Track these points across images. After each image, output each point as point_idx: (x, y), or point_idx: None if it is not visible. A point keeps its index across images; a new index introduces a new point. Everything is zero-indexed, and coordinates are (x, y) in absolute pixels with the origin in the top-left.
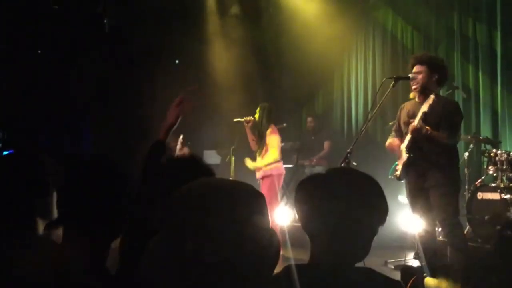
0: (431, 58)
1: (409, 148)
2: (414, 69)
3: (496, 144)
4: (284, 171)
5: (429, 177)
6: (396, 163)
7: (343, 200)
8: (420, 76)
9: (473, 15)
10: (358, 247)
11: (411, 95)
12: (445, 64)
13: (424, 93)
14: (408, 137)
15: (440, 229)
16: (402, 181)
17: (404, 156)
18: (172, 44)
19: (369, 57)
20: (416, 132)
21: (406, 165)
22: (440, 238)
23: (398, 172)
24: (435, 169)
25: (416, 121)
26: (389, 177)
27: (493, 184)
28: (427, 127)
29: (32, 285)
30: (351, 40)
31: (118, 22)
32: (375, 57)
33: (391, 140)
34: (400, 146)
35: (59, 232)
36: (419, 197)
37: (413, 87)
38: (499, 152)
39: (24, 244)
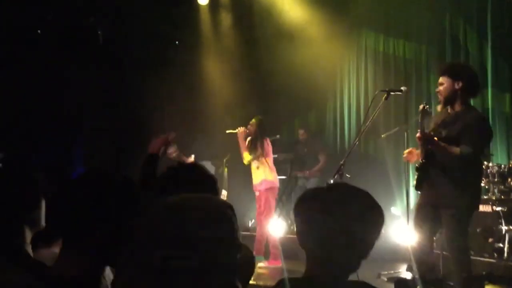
0: (452, 66)
1: (423, 157)
2: (439, 81)
3: (487, 156)
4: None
5: (440, 195)
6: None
7: (338, 215)
8: (442, 88)
9: (464, 29)
10: (352, 261)
11: (438, 108)
12: (471, 70)
13: (452, 104)
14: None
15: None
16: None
17: (418, 164)
18: (166, 57)
19: (362, 70)
20: (421, 140)
21: (420, 176)
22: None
23: (415, 182)
24: (448, 185)
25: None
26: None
27: (485, 197)
28: (435, 138)
29: None
30: (344, 53)
31: (111, 33)
32: (367, 70)
33: (412, 149)
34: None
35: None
36: (424, 208)
37: (439, 100)
38: (490, 164)
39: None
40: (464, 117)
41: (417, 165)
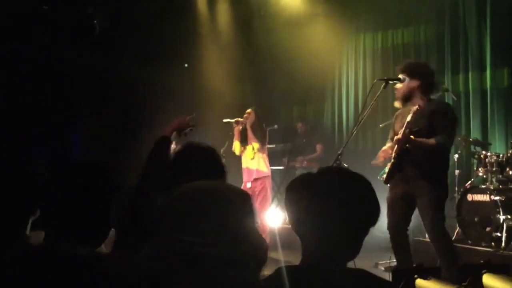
0: (409, 65)
1: (397, 154)
2: None
3: (485, 146)
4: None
5: (416, 186)
6: (387, 166)
7: (332, 201)
8: (399, 85)
9: (464, 20)
10: (349, 248)
11: (395, 104)
12: (428, 69)
13: (410, 102)
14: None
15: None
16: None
17: (392, 160)
18: (164, 46)
19: (360, 60)
20: (400, 143)
21: (392, 170)
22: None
23: (385, 175)
24: (422, 178)
25: (400, 133)
26: (378, 178)
27: (483, 186)
28: (411, 136)
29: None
30: (343, 43)
31: (109, 24)
32: (365, 60)
33: (386, 147)
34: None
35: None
36: (400, 201)
37: (396, 97)
38: (488, 154)
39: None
40: (429, 110)
41: (392, 164)
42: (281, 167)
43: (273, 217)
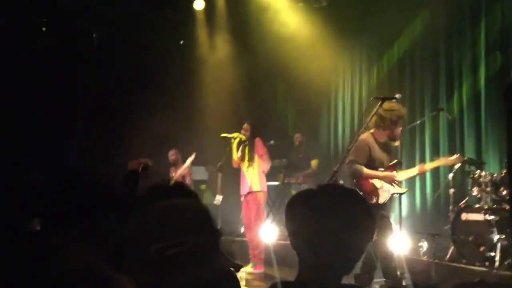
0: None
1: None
2: None
3: (480, 165)
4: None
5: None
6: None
7: (329, 217)
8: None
9: (458, 38)
10: (346, 265)
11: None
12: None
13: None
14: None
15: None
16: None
17: (403, 190)
18: (161, 62)
19: (356, 78)
20: None
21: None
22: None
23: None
24: None
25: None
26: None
27: (477, 205)
28: None
29: None
30: (338, 61)
31: (106, 37)
32: (361, 78)
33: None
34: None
35: None
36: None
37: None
38: (483, 173)
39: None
40: None
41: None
42: (276, 183)
43: (268, 233)
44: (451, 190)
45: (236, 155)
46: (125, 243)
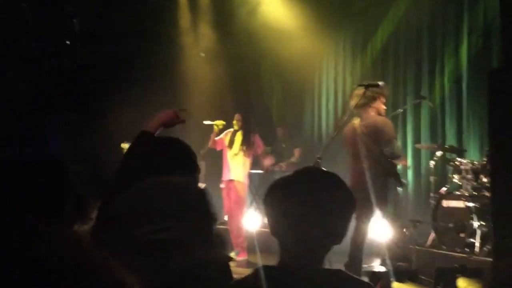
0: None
1: None
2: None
3: (461, 152)
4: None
5: None
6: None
7: (306, 200)
8: None
9: (442, 27)
10: (326, 248)
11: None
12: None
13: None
14: None
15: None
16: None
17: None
18: (145, 49)
19: (340, 65)
20: None
21: None
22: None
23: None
24: None
25: None
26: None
27: (457, 193)
28: None
29: None
30: (323, 48)
31: (89, 23)
32: (345, 65)
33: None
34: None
35: None
36: None
37: None
38: (463, 161)
39: None
40: None
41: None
42: (260, 171)
43: (251, 221)
44: (432, 178)
45: (214, 139)
46: (110, 223)
